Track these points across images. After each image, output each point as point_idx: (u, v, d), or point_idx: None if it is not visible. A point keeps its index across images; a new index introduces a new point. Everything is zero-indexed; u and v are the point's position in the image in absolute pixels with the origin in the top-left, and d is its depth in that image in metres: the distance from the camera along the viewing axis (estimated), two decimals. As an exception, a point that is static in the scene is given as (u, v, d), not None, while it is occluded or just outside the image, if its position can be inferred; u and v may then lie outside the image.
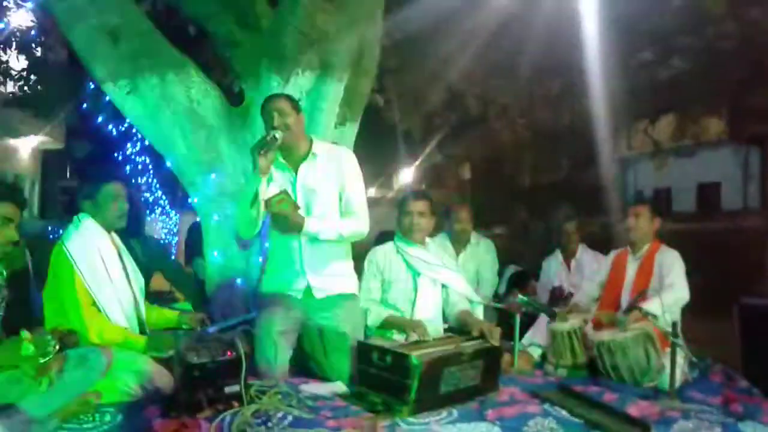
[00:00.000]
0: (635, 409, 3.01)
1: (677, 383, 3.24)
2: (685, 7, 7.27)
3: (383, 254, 3.71)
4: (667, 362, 3.31)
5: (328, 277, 3.33)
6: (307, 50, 3.99)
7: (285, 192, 3.19)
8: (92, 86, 4.78)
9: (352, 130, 4.63)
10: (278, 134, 3.12)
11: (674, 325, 3.25)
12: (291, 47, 3.96)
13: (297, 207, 3.19)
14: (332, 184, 3.33)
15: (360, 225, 3.34)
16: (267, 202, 3.12)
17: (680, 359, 3.30)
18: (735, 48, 7.51)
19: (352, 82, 4.41)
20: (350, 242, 3.46)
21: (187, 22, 4.85)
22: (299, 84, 4.09)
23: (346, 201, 3.35)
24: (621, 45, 7.68)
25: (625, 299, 3.95)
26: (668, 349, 3.29)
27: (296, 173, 3.30)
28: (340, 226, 3.28)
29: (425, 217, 3.66)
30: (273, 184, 3.26)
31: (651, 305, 3.63)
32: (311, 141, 3.38)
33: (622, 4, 6.72)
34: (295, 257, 3.28)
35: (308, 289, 3.30)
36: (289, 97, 3.38)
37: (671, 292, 3.71)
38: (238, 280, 4.25)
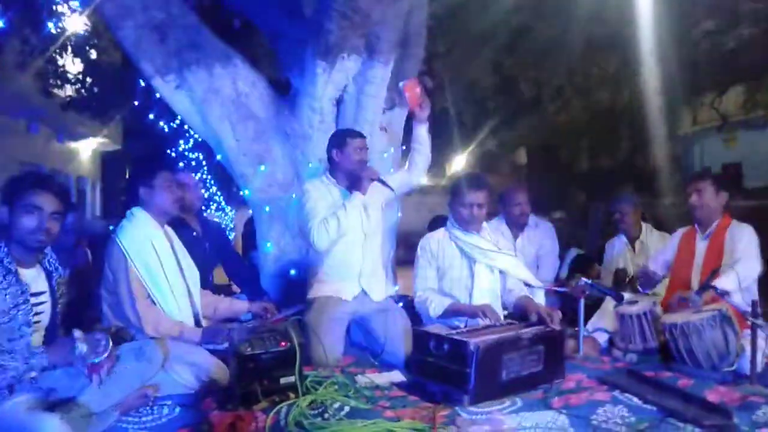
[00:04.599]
0: (714, 395, 2.84)
1: (759, 367, 3.02)
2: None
3: (436, 242, 3.58)
4: (747, 344, 3.09)
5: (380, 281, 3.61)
6: (351, 34, 3.91)
7: None
8: (142, 84, 4.82)
9: (401, 115, 4.53)
10: None
11: (754, 303, 3.03)
12: (335, 31, 3.89)
13: None
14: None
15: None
16: None
17: (761, 341, 3.07)
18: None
19: (399, 65, 4.30)
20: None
21: (232, 14, 4.85)
22: (345, 68, 4.02)
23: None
24: (681, 15, 7.30)
25: (695, 280, 3.71)
26: (748, 331, 3.08)
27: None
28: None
29: (484, 207, 3.48)
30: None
31: (724, 282, 3.38)
32: None
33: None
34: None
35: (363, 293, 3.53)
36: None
37: (740, 264, 3.44)
38: (292, 271, 4.22)
